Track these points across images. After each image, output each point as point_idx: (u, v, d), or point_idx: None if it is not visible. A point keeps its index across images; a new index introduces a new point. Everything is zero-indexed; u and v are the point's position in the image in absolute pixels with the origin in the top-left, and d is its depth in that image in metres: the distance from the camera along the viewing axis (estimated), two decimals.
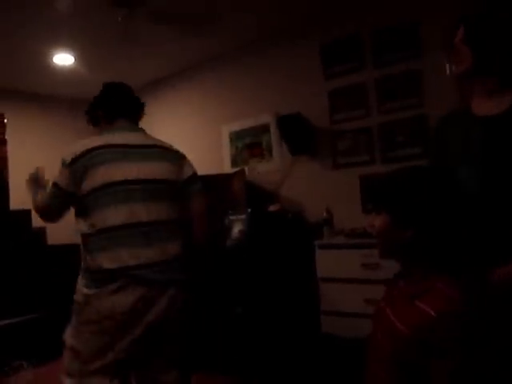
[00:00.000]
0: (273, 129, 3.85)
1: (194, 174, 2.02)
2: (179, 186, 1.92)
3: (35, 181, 2.06)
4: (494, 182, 1.44)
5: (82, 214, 1.80)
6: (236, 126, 4.16)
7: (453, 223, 1.21)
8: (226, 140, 4.25)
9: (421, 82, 3.06)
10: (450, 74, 1.63)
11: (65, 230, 3.18)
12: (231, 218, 3.35)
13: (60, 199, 1.83)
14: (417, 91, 3.06)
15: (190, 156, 2.11)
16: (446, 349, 1.09)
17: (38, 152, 4.75)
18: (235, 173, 3.81)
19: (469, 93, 1.52)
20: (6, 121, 4.71)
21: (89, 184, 1.75)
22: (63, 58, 4.00)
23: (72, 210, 1.88)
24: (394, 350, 1.20)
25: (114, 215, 1.73)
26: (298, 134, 3.56)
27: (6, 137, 4.72)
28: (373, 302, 2.34)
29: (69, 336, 1.82)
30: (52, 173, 1.86)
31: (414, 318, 1.16)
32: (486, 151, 1.43)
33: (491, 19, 1.47)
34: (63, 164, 1.79)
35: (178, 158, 1.98)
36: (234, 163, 4.18)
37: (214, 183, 3.70)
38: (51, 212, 1.90)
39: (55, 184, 1.81)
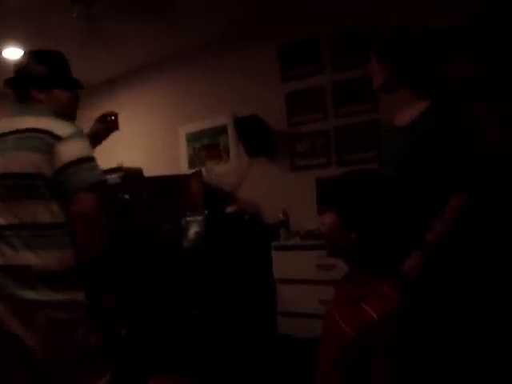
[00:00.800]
0: (230, 130, 3.85)
1: (73, 161, 1.47)
2: (52, 181, 1.47)
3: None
4: (403, 189, 1.52)
5: None
6: (193, 127, 4.13)
7: (392, 228, 1.25)
8: (183, 141, 4.21)
9: None
10: None
11: None
12: (188, 219, 3.32)
13: None
14: (372, 96, 3.12)
15: (146, 156, 2.06)
16: (385, 350, 1.13)
17: None
18: (192, 174, 3.79)
19: (396, 103, 1.65)
20: None
21: None
22: (14, 53, 3.85)
23: None
24: (340, 351, 1.22)
25: None
26: (255, 136, 3.57)
27: None
28: (328, 303, 2.38)
29: None
30: None
31: (358, 320, 1.19)
32: (395, 159, 1.55)
33: (398, 37, 1.59)
34: None
35: (49, 142, 1.47)
36: (191, 164, 4.14)
37: (171, 184, 3.67)
38: None
39: None
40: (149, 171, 3.64)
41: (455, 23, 2.76)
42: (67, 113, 1.72)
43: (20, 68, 1.71)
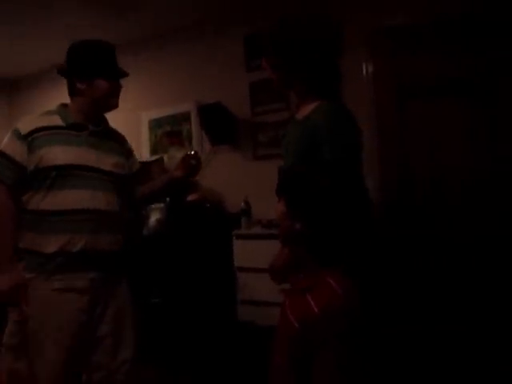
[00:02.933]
0: (193, 117, 3.82)
1: None
2: None
3: None
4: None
5: None
6: (156, 114, 4.07)
7: (335, 220, 1.28)
8: (145, 127, 4.15)
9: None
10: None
11: None
12: (149, 206, 3.29)
13: None
14: None
15: None
16: (326, 342, 1.16)
17: None
18: (154, 161, 3.74)
19: (297, 100, 1.72)
20: None
21: None
22: None
23: None
24: (288, 341, 1.25)
25: None
26: (218, 124, 3.55)
27: None
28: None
29: None
30: None
31: (302, 311, 1.21)
32: (291, 150, 1.63)
33: (289, 39, 1.63)
34: None
35: None
36: (153, 151, 4.09)
37: None
38: None
39: None
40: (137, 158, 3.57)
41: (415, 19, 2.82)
42: (108, 101, 1.92)
43: (66, 59, 1.85)
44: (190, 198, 3.48)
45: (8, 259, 1.69)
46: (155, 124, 4.08)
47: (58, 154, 1.71)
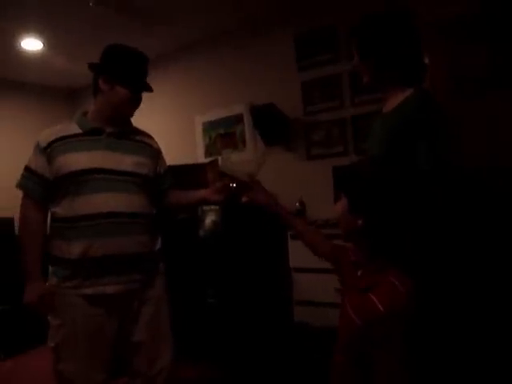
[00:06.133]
0: (246, 119, 3.84)
1: None
2: None
3: None
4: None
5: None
6: (209, 116, 4.13)
7: (397, 218, 1.24)
8: (199, 130, 4.21)
9: None
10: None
11: None
12: (204, 208, 3.33)
13: None
14: None
15: (162, 146, 2.07)
16: (389, 340, 1.13)
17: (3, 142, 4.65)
18: (209, 163, 3.79)
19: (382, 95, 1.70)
20: None
21: None
22: (32, 43, 3.88)
23: None
24: (349, 339, 1.23)
25: None
26: (271, 125, 3.56)
27: None
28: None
29: None
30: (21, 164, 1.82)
31: (365, 310, 1.18)
32: (377, 143, 1.59)
33: (379, 36, 1.59)
34: None
35: None
36: (207, 153, 4.15)
37: (187, 173, 3.67)
38: None
39: None
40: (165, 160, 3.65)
41: (466, 11, 2.71)
42: (124, 110, 1.86)
43: (101, 56, 1.83)
44: (245, 198, 3.49)
45: (36, 273, 1.74)
46: (209, 126, 4.14)
47: (74, 161, 1.73)
